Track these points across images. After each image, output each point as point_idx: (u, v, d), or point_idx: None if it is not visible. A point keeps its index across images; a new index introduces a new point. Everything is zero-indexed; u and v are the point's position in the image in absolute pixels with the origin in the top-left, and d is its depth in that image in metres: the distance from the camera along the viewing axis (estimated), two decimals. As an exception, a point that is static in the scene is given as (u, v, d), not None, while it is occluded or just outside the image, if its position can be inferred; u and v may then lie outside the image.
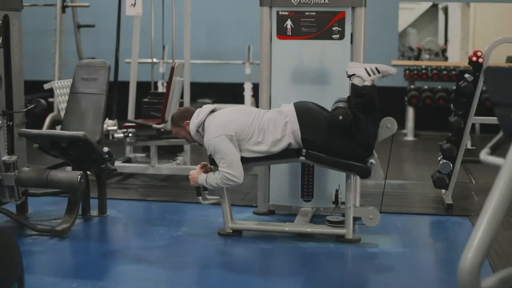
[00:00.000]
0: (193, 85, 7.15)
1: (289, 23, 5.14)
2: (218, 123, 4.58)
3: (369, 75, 4.56)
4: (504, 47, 12.26)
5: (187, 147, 6.96)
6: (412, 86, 9.65)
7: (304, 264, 4.35)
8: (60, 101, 6.02)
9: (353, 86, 4.63)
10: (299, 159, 4.66)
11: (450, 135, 5.65)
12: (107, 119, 6.41)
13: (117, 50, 6.81)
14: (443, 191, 5.83)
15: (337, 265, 4.40)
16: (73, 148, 4.77)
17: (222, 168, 4.53)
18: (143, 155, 7.05)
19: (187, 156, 6.97)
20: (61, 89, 6.03)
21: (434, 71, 9.73)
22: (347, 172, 4.55)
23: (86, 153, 4.83)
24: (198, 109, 4.76)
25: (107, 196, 5.29)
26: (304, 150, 4.60)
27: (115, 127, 6.54)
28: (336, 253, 4.51)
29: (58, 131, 4.87)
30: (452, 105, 5.91)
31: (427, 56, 11.35)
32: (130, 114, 6.65)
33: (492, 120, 6.41)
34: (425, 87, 9.58)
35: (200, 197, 4.78)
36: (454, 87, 5.81)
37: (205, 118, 4.67)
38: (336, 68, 5.12)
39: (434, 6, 12.12)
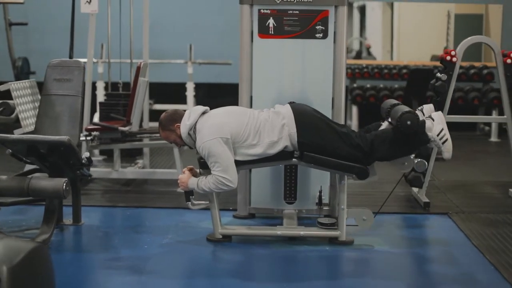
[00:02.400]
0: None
1: (271, 21, 5.02)
2: (212, 125, 4.41)
3: (437, 135, 4.46)
4: (430, 46, 12.66)
5: (146, 150, 6.73)
6: (355, 85, 9.72)
7: (306, 269, 4.25)
8: (18, 103, 5.66)
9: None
10: (292, 161, 4.57)
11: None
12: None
13: (71, 49, 6.49)
14: (415, 189, 5.87)
15: (343, 269, 4.35)
16: (53, 154, 4.48)
17: (216, 172, 4.36)
18: (100, 158, 6.76)
19: (146, 159, 6.74)
20: (18, 90, 5.67)
21: (376, 70, 9.84)
22: (345, 173, 4.48)
23: (65, 158, 4.55)
24: (188, 111, 4.58)
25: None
26: (296, 153, 4.51)
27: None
28: (336, 256, 4.44)
29: (40, 136, 4.56)
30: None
31: (353, 55, 11.47)
32: (86, 117, 6.35)
33: (465, 118, 6.53)
34: (368, 85, 9.68)
35: (189, 203, 4.60)
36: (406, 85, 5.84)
37: (197, 120, 4.48)
38: (319, 67, 5.05)
39: (349, 5, 12.28)
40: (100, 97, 8.61)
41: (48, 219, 4.58)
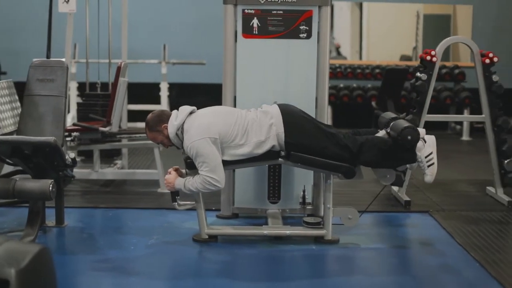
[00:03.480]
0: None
1: (255, 21, 5.02)
2: (200, 125, 4.39)
3: (426, 156, 4.49)
4: (399, 46, 12.79)
5: (125, 150, 6.68)
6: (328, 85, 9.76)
7: (294, 268, 4.27)
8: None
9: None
10: (278, 161, 4.58)
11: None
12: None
13: (48, 49, 6.41)
14: (395, 188, 5.93)
15: (331, 267, 4.37)
16: (38, 155, 4.42)
17: (204, 173, 4.35)
18: (78, 159, 6.69)
19: (125, 159, 6.69)
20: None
21: (349, 70, 9.90)
22: (332, 172, 4.50)
23: (50, 159, 4.50)
24: (175, 111, 4.55)
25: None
26: (282, 152, 4.52)
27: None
28: (323, 255, 4.46)
29: (26, 136, 4.49)
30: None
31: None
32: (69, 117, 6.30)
33: (445, 117, 6.60)
34: (341, 85, 9.74)
35: (176, 203, 4.58)
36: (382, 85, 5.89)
37: (185, 120, 4.47)
38: (303, 67, 5.07)
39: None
40: (73, 97, 8.53)
41: (32, 221, 4.53)
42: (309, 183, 5.18)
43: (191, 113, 4.53)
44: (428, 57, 5.63)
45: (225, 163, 4.43)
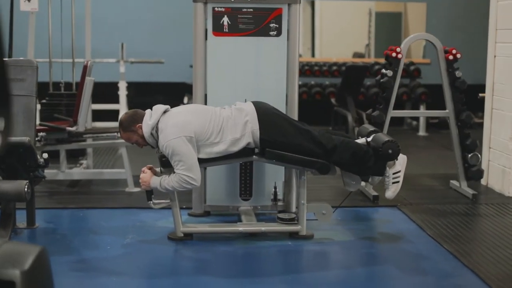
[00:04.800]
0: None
1: (225, 19, 5.04)
2: (175, 123, 4.39)
3: (394, 173, 4.59)
4: (351, 43, 12.94)
5: (90, 150, 6.61)
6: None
7: (272, 264, 4.32)
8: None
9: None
10: (253, 158, 4.61)
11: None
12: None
13: (10, 48, 6.30)
14: (362, 183, 6.00)
15: (308, 262, 4.42)
16: (11, 155, 4.36)
17: (180, 171, 4.34)
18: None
19: (90, 159, 6.62)
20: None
21: (306, 67, 9.98)
22: (307, 168, 4.55)
23: (22, 160, 4.44)
24: (149, 111, 4.53)
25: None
26: (257, 149, 4.55)
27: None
28: (300, 250, 4.51)
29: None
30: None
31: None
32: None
33: (410, 113, 6.70)
34: (300, 83, 9.80)
35: (151, 202, 4.56)
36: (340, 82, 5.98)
37: (159, 119, 4.46)
38: (274, 65, 5.10)
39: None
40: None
41: (4, 222, 4.46)
42: (280, 179, 5.22)
43: (165, 112, 4.52)
44: (394, 54, 5.73)
45: (200, 161, 4.44)
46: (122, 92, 9.20)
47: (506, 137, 6.01)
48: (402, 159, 4.67)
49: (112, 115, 8.96)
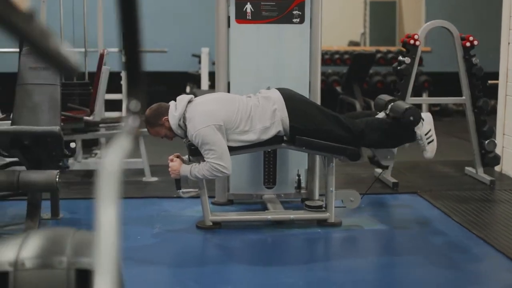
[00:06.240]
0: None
1: (248, 6, 5.00)
2: (204, 112, 4.35)
3: (425, 134, 4.56)
4: (346, 32, 12.95)
5: (103, 140, 6.56)
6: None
7: (304, 251, 4.32)
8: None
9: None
10: (282, 145, 4.59)
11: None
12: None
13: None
14: (378, 170, 6.01)
15: (342, 249, 4.42)
16: (39, 145, 4.30)
17: (211, 160, 4.31)
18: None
19: (104, 149, 6.56)
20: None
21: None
22: (337, 155, 4.54)
23: (49, 150, 4.38)
24: (173, 102, 4.49)
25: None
26: (285, 137, 4.53)
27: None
28: (331, 238, 4.52)
29: (28, 127, 4.35)
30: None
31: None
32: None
33: (425, 100, 6.70)
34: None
35: (180, 191, 4.53)
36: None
37: (185, 109, 4.41)
38: (296, 53, 5.07)
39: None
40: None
41: (32, 213, 4.41)
42: (303, 167, 5.20)
43: (189, 101, 4.48)
44: (412, 41, 5.72)
45: (230, 149, 4.41)
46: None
47: (521, 123, 6.04)
48: (427, 117, 4.66)
49: (115, 105, 8.87)
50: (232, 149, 4.45)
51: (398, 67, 5.78)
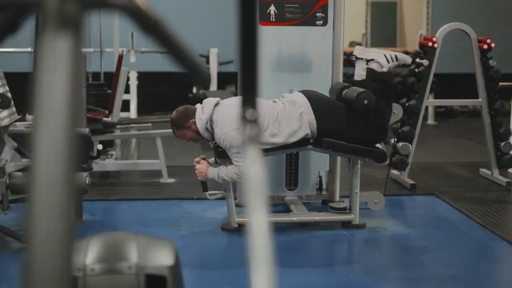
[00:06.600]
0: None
1: (272, 8, 5.01)
2: (231, 115, 4.35)
3: (388, 62, 4.58)
4: (347, 33, 12.97)
5: (118, 141, 6.55)
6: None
7: (336, 252, 4.34)
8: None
9: (371, 71, 4.61)
10: (308, 148, 4.60)
11: (406, 118, 5.84)
12: (27, 114, 5.83)
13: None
14: (395, 171, 6.04)
15: (371, 250, 4.44)
16: (67, 148, 4.29)
17: (239, 163, 4.31)
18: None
19: (118, 150, 6.56)
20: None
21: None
22: (363, 158, 4.55)
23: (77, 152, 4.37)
24: (199, 105, 4.49)
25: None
26: (311, 140, 4.54)
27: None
28: (357, 239, 4.54)
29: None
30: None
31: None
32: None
33: (442, 102, 6.74)
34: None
35: (207, 193, 4.54)
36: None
37: (212, 112, 4.42)
38: (319, 55, 5.09)
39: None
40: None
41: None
42: (324, 169, 5.22)
43: (216, 104, 4.48)
44: (430, 43, 5.75)
45: (258, 151, 4.41)
46: (133, 82, 9.11)
47: (536, 126, 6.08)
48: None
49: (122, 105, 8.87)
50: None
51: (416, 69, 5.81)
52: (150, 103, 9.85)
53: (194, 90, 9.69)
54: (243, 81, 1.46)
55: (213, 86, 9.18)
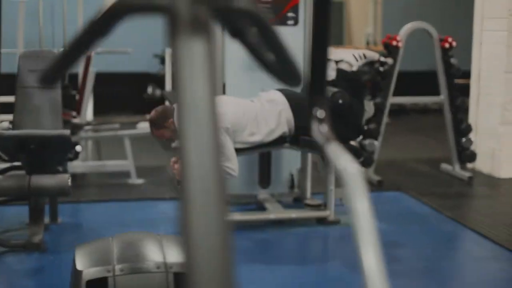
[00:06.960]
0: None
1: (244, 9, 5.04)
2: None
3: (357, 60, 4.69)
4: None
5: (83, 143, 6.47)
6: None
7: (317, 249, 4.41)
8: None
9: (341, 71, 4.71)
10: (284, 146, 4.67)
11: (372, 115, 5.97)
12: None
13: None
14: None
15: (348, 245, 4.52)
16: (46, 149, 4.25)
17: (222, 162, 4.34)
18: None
19: (85, 152, 6.49)
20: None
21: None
22: (340, 155, 4.64)
23: (55, 154, 4.34)
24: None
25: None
26: (287, 138, 4.61)
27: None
28: (336, 235, 4.62)
29: (38, 130, 4.28)
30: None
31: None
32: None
33: (405, 99, 6.90)
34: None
35: (186, 192, 4.55)
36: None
37: None
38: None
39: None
40: None
41: (36, 218, 4.35)
42: (296, 167, 5.30)
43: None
44: (394, 42, 5.89)
45: (236, 151, 4.46)
46: (90, 82, 8.98)
47: (494, 122, 6.29)
48: None
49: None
50: (238, 151, 4.50)
51: (381, 68, 5.94)
52: (106, 104, 9.75)
53: (149, 90, 9.65)
54: (312, 84, 1.52)
55: (169, 87, 9.15)
